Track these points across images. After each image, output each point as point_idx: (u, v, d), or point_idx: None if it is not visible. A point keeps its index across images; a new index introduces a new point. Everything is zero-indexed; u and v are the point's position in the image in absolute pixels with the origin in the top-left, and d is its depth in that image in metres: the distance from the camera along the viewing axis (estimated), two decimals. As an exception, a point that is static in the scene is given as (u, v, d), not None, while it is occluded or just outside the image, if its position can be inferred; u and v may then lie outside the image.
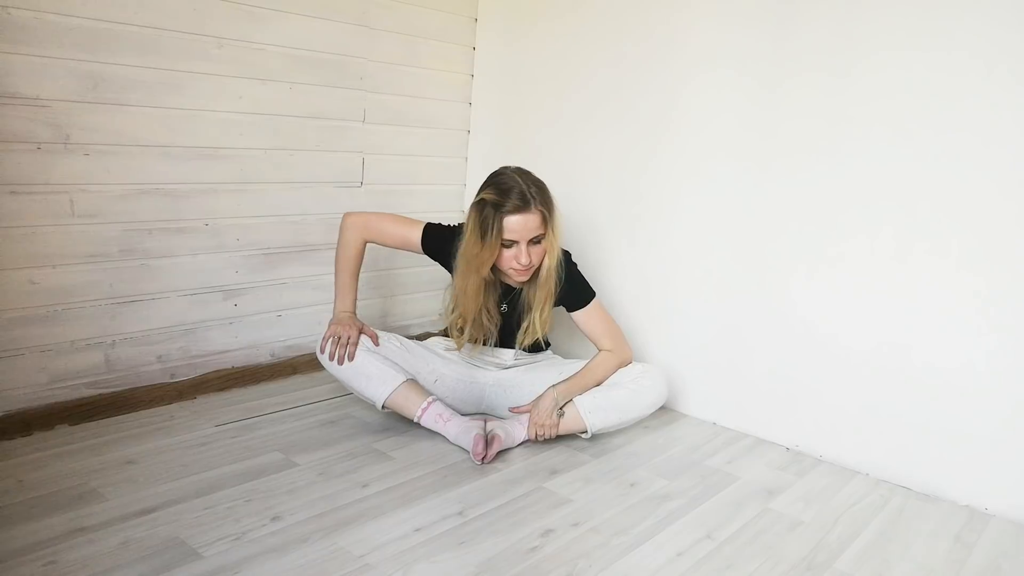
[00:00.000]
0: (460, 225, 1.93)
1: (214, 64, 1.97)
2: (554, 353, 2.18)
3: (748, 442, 2.05)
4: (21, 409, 1.77)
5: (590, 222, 2.38)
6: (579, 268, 2.00)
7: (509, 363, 2.06)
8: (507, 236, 1.78)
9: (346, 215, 1.99)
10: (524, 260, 1.80)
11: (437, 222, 1.99)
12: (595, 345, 2.00)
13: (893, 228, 1.80)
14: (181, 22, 1.89)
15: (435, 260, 1.98)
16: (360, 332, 1.89)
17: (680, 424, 2.14)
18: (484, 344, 1.99)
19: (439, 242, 1.94)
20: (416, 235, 1.96)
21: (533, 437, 1.88)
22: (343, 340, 1.87)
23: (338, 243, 1.97)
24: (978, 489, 1.74)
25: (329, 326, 1.90)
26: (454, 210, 2.70)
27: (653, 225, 2.25)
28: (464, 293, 1.87)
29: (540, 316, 1.91)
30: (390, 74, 2.40)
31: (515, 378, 2.01)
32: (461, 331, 1.95)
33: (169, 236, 1.97)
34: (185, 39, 1.90)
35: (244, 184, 2.09)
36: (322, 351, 1.89)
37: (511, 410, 1.93)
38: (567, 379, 1.91)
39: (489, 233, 1.77)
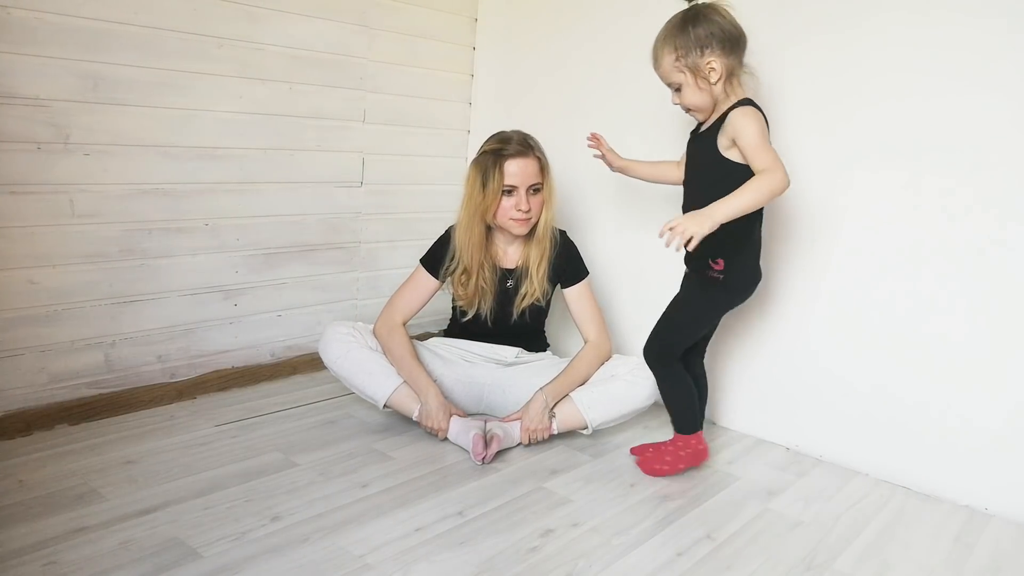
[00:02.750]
0: (446, 230, 2.00)
1: (214, 64, 1.97)
2: (553, 354, 2.18)
3: (748, 442, 2.05)
4: (21, 409, 1.77)
5: (589, 221, 2.38)
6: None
7: (510, 360, 2.06)
8: (508, 181, 1.85)
9: (375, 331, 1.98)
10: (524, 206, 1.86)
11: (424, 253, 2.04)
12: (581, 332, 2.02)
13: (894, 230, 1.80)
14: (181, 22, 1.89)
15: (449, 268, 1.98)
16: (450, 417, 1.87)
17: (680, 424, 2.14)
18: (482, 317, 1.99)
19: (438, 255, 1.99)
20: (422, 277, 2.00)
21: (526, 442, 1.88)
22: (439, 435, 1.88)
23: (387, 353, 1.94)
24: (978, 489, 1.74)
25: (421, 413, 1.87)
26: (454, 210, 2.69)
27: (654, 225, 2.24)
28: (467, 244, 1.92)
29: (537, 275, 1.94)
30: (390, 74, 2.40)
31: (514, 379, 2.01)
32: (465, 286, 1.96)
33: (169, 236, 1.97)
34: (185, 39, 1.90)
35: (244, 184, 2.09)
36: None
37: (502, 420, 1.93)
38: (553, 380, 1.91)
39: (491, 180, 1.84)
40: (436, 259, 1.99)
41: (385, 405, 1.90)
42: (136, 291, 1.93)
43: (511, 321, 2.02)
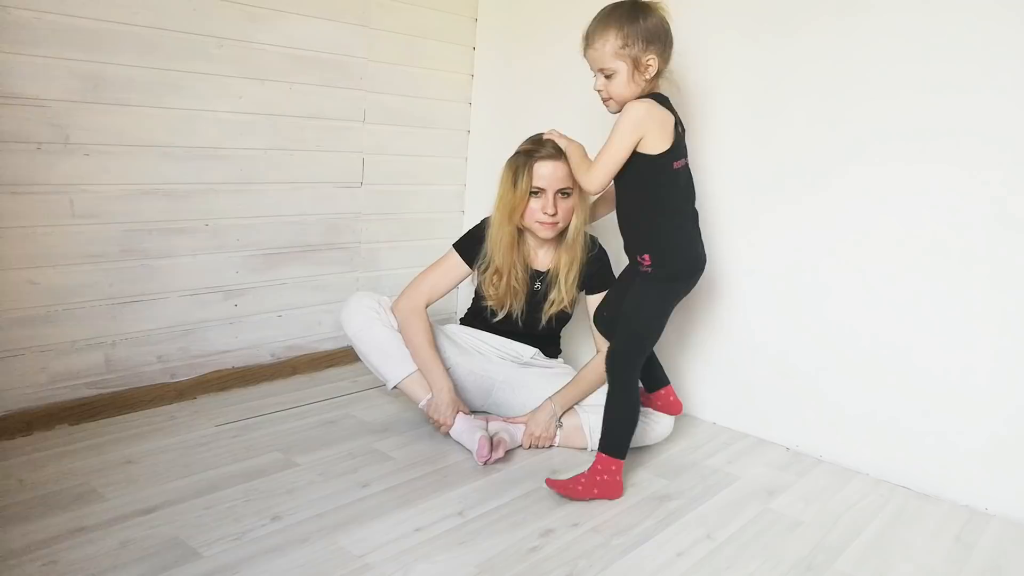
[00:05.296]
0: (482, 221, 1.97)
1: (214, 64, 1.97)
2: (564, 361, 2.18)
3: (748, 442, 2.05)
4: (21, 409, 1.77)
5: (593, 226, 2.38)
6: None
7: (526, 359, 2.06)
8: (536, 183, 1.84)
9: (394, 308, 1.95)
10: (550, 210, 1.84)
11: (459, 239, 2.00)
12: (596, 341, 2.00)
13: (895, 230, 1.80)
14: (181, 22, 1.89)
15: (482, 265, 1.96)
16: (456, 414, 1.87)
17: (680, 424, 2.14)
18: (512, 317, 1.97)
19: (473, 243, 1.96)
20: (454, 261, 1.97)
21: (527, 447, 1.88)
22: (442, 429, 1.89)
23: (404, 336, 1.92)
24: (978, 489, 1.74)
25: (430, 404, 1.88)
26: (454, 210, 2.71)
27: (653, 225, 2.25)
28: (499, 245, 1.90)
29: (566, 282, 1.92)
30: (390, 74, 2.40)
31: (525, 382, 2.00)
32: (496, 287, 1.94)
33: (169, 236, 1.97)
34: (185, 39, 1.90)
35: (244, 184, 2.09)
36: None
37: (506, 420, 1.93)
38: (562, 390, 1.91)
39: (521, 180, 1.84)
40: (471, 247, 1.96)
41: (394, 387, 1.90)
42: (136, 291, 1.93)
43: (539, 327, 2.01)
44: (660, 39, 1.54)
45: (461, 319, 2.16)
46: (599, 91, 1.61)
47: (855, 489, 1.81)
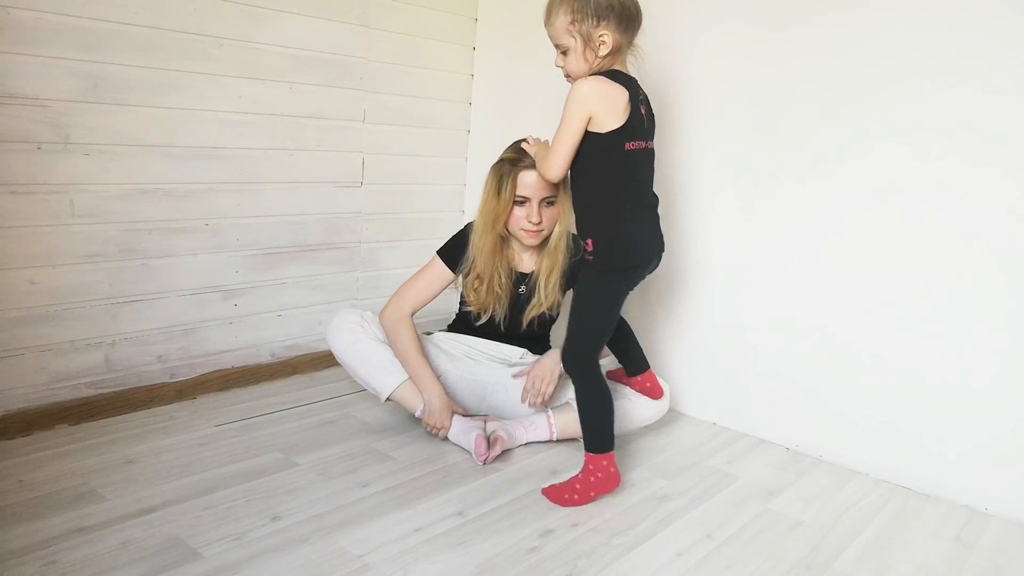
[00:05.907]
0: (466, 226, 1.97)
1: (214, 64, 1.97)
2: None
3: (748, 442, 2.05)
4: (21, 409, 1.77)
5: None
6: None
7: (514, 360, 2.06)
8: (520, 192, 1.84)
9: (381, 317, 1.95)
10: (535, 219, 1.84)
11: (443, 245, 2.00)
12: None
13: (895, 229, 1.80)
14: (181, 22, 1.89)
15: (464, 269, 1.96)
16: (452, 416, 1.88)
17: (680, 424, 2.14)
18: (495, 321, 1.98)
19: (457, 248, 1.95)
20: (438, 267, 1.96)
21: (525, 400, 1.89)
22: (440, 434, 1.89)
23: (392, 345, 1.92)
24: (978, 489, 1.74)
25: (424, 412, 1.88)
26: (454, 210, 2.71)
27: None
28: (481, 251, 1.90)
29: (547, 286, 1.92)
30: (390, 74, 2.40)
31: (518, 379, 2.00)
32: (477, 292, 1.94)
33: (169, 236, 1.97)
34: (185, 39, 1.90)
35: (244, 184, 2.09)
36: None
37: (514, 376, 1.94)
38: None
39: (504, 188, 1.84)
40: (455, 252, 1.96)
41: (387, 399, 1.90)
42: (136, 291, 1.93)
43: (520, 330, 2.01)
44: (615, 14, 1.48)
45: (449, 325, 2.16)
46: (560, 67, 1.58)
47: (855, 489, 1.81)
